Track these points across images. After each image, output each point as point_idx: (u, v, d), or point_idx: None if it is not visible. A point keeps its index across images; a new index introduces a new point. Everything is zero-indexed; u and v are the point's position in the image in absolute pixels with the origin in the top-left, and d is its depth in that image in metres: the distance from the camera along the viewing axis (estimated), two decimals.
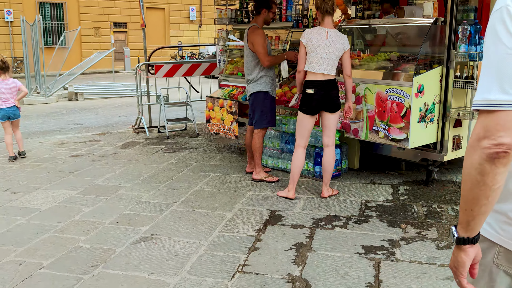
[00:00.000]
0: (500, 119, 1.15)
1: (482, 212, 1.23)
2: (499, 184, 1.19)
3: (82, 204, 4.51)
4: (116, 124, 8.98)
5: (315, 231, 3.82)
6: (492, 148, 1.15)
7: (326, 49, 4.33)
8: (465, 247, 1.29)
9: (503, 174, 1.18)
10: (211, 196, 4.68)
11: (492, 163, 1.16)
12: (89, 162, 6.04)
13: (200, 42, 30.88)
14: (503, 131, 1.14)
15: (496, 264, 1.33)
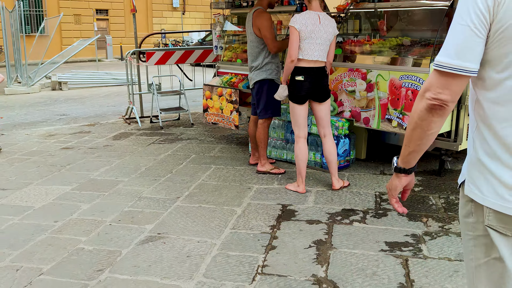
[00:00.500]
0: (443, 79, 1.34)
1: (416, 150, 1.48)
2: (433, 131, 1.41)
3: (79, 201, 4.20)
4: (105, 114, 8.62)
5: (332, 227, 3.59)
6: (432, 100, 1.35)
7: (320, 34, 4.11)
8: (400, 175, 1.57)
9: (437, 123, 1.39)
10: (216, 190, 4.42)
11: (429, 112, 1.37)
12: (81, 155, 5.70)
13: (183, 29, 30.32)
14: (442, 89, 1.34)
15: (488, 226, 1.40)
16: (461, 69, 1.32)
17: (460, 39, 1.32)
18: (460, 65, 1.31)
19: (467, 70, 1.31)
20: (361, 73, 4.61)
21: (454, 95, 1.35)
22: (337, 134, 4.76)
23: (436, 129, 1.41)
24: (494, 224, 1.39)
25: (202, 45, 19.19)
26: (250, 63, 4.75)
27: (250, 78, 4.79)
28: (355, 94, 4.70)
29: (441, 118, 1.38)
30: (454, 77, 1.33)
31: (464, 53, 1.31)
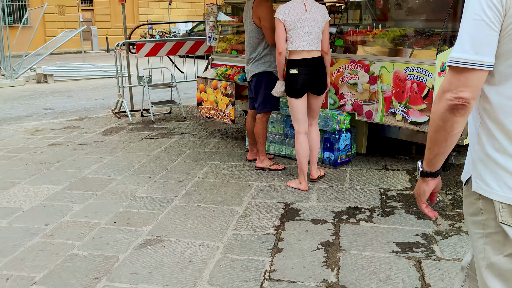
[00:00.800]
0: (462, 76, 1.30)
1: (441, 152, 1.44)
2: (457, 131, 1.38)
3: (70, 201, 3.99)
4: (94, 108, 8.35)
5: (339, 227, 3.44)
6: (453, 100, 1.32)
7: (307, 23, 3.95)
8: (427, 179, 1.52)
9: (461, 123, 1.36)
10: (214, 188, 4.24)
11: (452, 112, 1.34)
12: (70, 152, 5.47)
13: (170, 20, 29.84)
14: (463, 87, 1.30)
15: (502, 222, 1.37)
16: (480, 63, 1.30)
17: (476, 34, 1.30)
18: (478, 59, 1.30)
19: (486, 64, 1.30)
20: (364, 65, 4.45)
21: (475, 91, 1.33)
22: (339, 129, 4.60)
23: (460, 129, 1.38)
24: (508, 219, 1.37)
25: (190, 36, 18.88)
26: (249, 54, 4.56)
27: (247, 70, 4.60)
28: (357, 87, 4.54)
29: (463, 117, 1.35)
30: (473, 73, 1.31)
31: (482, 47, 1.30)
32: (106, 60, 18.11)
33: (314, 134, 4.31)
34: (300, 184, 4.21)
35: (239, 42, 5.82)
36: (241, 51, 5.74)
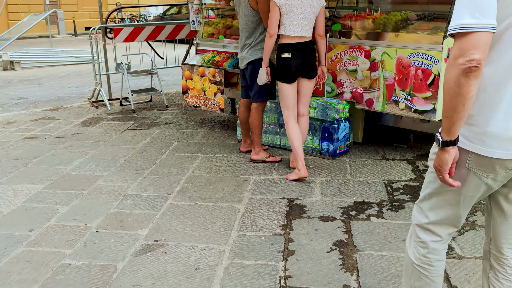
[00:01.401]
0: (472, 40, 1.38)
1: (460, 118, 1.49)
2: (472, 94, 1.44)
3: (54, 202, 3.66)
4: (68, 97, 7.88)
5: (349, 224, 3.24)
6: (466, 64, 1.38)
7: (303, 8, 3.79)
8: (448, 148, 1.56)
9: (475, 85, 1.42)
10: (210, 184, 3.97)
11: (466, 76, 1.40)
12: (48, 146, 5.08)
13: (140, 3, 28.90)
14: (473, 49, 1.37)
15: (467, 168, 1.61)
16: (487, 26, 1.38)
17: (480, 0, 1.39)
18: (485, 22, 1.38)
19: (492, 26, 1.39)
20: (364, 51, 4.23)
21: (485, 53, 1.40)
22: (338, 118, 4.39)
23: (475, 91, 1.45)
24: (473, 166, 1.60)
25: (162, 19, 18.28)
26: (244, 40, 4.26)
27: (242, 57, 4.31)
28: (357, 74, 4.33)
29: (477, 79, 1.43)
30: (482, 35, 1.38)
31: (488, 11, 1.39)
32: (76, 45, 17.41)
33: (305, 127, 4.15)
34: (299, 172, 4.01)
35: (227, 27, 5.50)
36: (229, 36, 5.44)
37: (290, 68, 3.92)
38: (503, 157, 1.54)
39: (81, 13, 27.11)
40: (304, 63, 3.93)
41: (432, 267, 1.83)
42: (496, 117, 1.52)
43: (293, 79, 3.98)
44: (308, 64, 3.96)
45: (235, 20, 5.53)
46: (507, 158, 1.55)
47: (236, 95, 5.59)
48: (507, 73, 1.49)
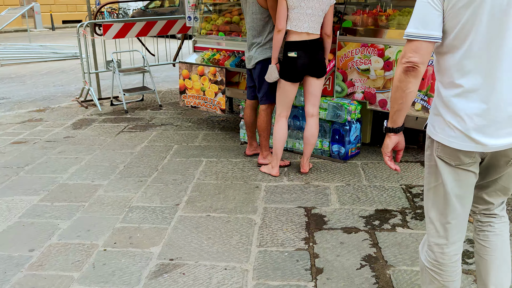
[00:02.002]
0: (412, 46, 1.68)
1: (399, 109, 1.78)
2: (410, 90, 1.73)
3: (54, 216, 3.38)
4: (55, 97, 7.51)
5: (375, 236, 3.06)
6: (405, 64, 1.69)
7: (312, 4, 3.63)
8: (390, 134, 1.84)
9: (413, 83, 1.71)
10: (219, 192, 3.74)
11: (406, 74, 1.70)
12: (39, 151, 4.77)
13: None
14: (413, 53, 1.67)
15: (437, 156, 1.79)
16: (426, 36, 1.65)
17: (424, 13, 1.65)
18: (425, 33, 1.65)
19: (431, 36, 1.65)
20: (378, 49, 4.03)
21: (424, 58, 1.67)
22: (350, 119, 4.19)
23: (413, 89, 1.72)
24: (441, 154, 1.78)
25: (145, 13, 17.82)
26: (251, 38, 4.03)
27: (250, 56, 4.07)
28: (370, 73, 4.13)
29: (415, 78, 1.70)
30: (421, 43, 1.66)
31: (428, 24, 1.64)
32: (55, 39, 16.87)
33: (314, 128, 3.99)
34: (272, 169, 4.07)
35: (226, 23, 5.25)
36: (229, 33, 5.19)
37: (296, 68, 3.77)
38: (463, 148, 1.72)
39: (58, 6, 26.39)
40: (311, 62, 3.77)
41: (442, 271, 1.90)
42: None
43: (298, 78, 3.81)
44: (315, 63, 3.79)
45: (234, 16, 5.27)
46: (466, 150, 1.72)
47: (236, 94, 5.36)
48: (462, 71, 1.69)
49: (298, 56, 3.73)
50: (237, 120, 5.79)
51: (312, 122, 3.97)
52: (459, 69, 1.68)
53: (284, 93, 3.89)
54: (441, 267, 1.90)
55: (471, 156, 1.74)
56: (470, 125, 1.68)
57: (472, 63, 1.65)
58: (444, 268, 1.89)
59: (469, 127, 1.69)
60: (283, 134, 3.99)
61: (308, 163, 4.11)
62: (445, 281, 1.90)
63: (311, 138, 4.00)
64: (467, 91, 1.67)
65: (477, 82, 1.66)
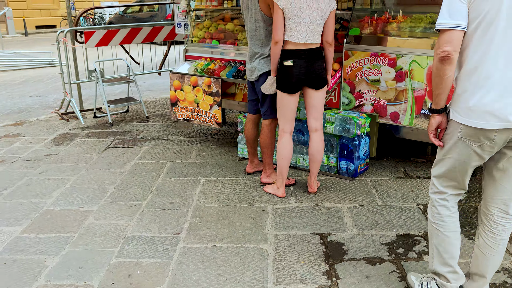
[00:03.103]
0: (444, 36, 1.95)
1: (440, 93, 2.05)
2: (447, 76, 1.99)
3: (40, 251, 2.99)
4: (32, 108, 7.04)
5: (402, 267, 2.77)
6: (440, 54, 1.96)
7: (309, 12, 3.36)
8: (434, 115, 2.13)
9: (449, 70, 1.97)
10: (223, 218, 3.41)
11: (441, 62, 1.97)
12: (18, 172, 4.35)
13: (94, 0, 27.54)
14: (445, 43, 1.94)
15: (459, 137, 2.08)
16: (455, 25, 1.93)
17: (451, 6, 1.95)
18: (454, 22, 1.93)
19: (459, 25, 1.93)
20: (389, 59, 3.77)
21: (455, 46, 1.95)
22: (360, 134, 3.91)
23: (450, 74, 1.99)
24: (463, 136, 2.06)
25: (123, 18, 17.33)
26: (254, 48, 3.71)
27: (252, 68, 3.75)
28: (380, 84, 3.87)
29: (450, 65, 1.97)
30: (452, 32, 1.94)
31: (456, 15, 1.93)
32: (28, 45, 16.23)
33: (320, 144, 3.71)
34: (277, 190, 3.77)
35: (220, 30, 4.92)
36: (224, 41, 4.87)
37: (291, 77, 3.48)
38: (483, 127, 1.98)
39: (31, 11, 25.59)
40: (308, 72, 3.48)
41: (445, 222, 2.26)
42: (477, 94, 1.98)
43: (294, 89, 3.53)
44: (312, 73, 3.50)
45: (228, 23, 4.96)
46: (486, 128, 1.98)
47: (232, 106, 5.03)
48: (480, 62, 1.95)
49: (294, 64, 3.45)
50: (231, 133, 5.46)
51: (317, 137, 3.69)
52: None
53: (283, 105, 3.61)
54: (443, 218, 2.26)
55: (489, 137, 2.00)
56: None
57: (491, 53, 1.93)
58: (446, 219, 2.26)
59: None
60: (288, 151, 3.69)
61: (316, 181, 3.82)
62: (447, 231, 2.26)
63: (317, 155, 3.71)
64: (485, 78, 1.96)
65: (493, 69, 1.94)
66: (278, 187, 3.76)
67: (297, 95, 3.60)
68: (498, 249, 2.23)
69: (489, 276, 2.32)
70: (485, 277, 2.31)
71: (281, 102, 3.61)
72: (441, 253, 2.29)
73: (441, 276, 2.32)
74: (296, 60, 3.45)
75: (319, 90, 3.59)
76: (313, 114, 3.65)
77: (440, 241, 2.28)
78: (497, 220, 2.21)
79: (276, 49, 3.47)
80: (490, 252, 2.25)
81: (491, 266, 2.28)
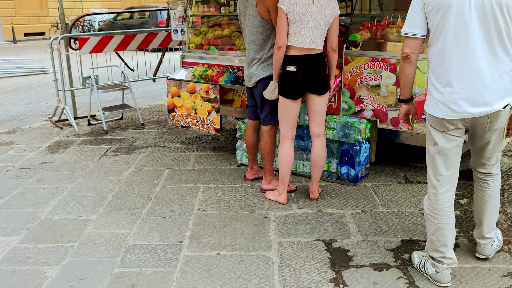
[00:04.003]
0: (406, 41, 2.43)
1: (403, 86, 2.55)
2: (408, 72, 2.48)
3: (39, 262, 2.92)
4: (24, 116, 6.94)
5: (409, 272, 2.75)
6: (402, 54, 2.45)
7: (314, 17, 3.35)
8: (401, 104, 2.64)
9: (409, 68, 2.46)
10: (225, 225, 3.37)
11: (403, 61, 2.47)
12: (14, 181, 4.27)
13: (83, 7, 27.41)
14: (406, 47, 2.43)
15: (430, 125, 2.51)
16: (412, 34, 2.39)
17: (411, 17, 2.40)
18: (412, 31, 2.39)
19: (416, 34, 2.39)
20: (389, 64, 3.77)
21: (414, 50, 2.41)
22: (360, 139, 3.90)
23: (409, 71, 2.48)
24: (433, 124, 2.48)
25: (113, 25, 17.25)
26: (252, 54, 3.69)
27: (250, 74, 3.73)
28: (380, 90, 3.86)
29: (410, 64, 2.46)
30: (411, 39, 2.41)
31: (414, 25, 2.39)
32: (17, 52, 16.09)
33: (322, 150, 3.69)
34: (279, 196, 3.73)
35: (217, 36, 4.90)
36: (222, 47, 4.84)
37: (294, 83, 3.46)
38: (443, 117, 2.38)
39: (20, 18, 25.37)
40: (311, 77, 3.47)
41: (437, 215, 2.54)
42: (439, 89, 2.38)
43: (297, 95, 3.51)
44: (315, 78, 3.49)
45: (225, 28, 4.94)
46: (446, 118, 2.38)
47: (230, 112, 5.00)
48: (440, 59, 2.36)
49: (297, 70, 3.43)
50: (229, 139, 5.43)
51: (319, 143, 3.67)
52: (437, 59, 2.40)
53: (285, 111, 3.59)
54: (435, 211, 2.54)
55: (453, 123, 2.41)
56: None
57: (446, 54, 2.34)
58: (438, 212, 2.54)
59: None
60: (289, 157, 3.66)
61: (318, 187, 3.80)
62: (439, 223, 2.54)
63: (319, 161, 3.69)
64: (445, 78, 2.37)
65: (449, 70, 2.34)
66: (280, 194, 3.73)
67: (299, 101, 3.59)
68: (488, 199, 2.68)
69: (486, 222, 2.74)
70: (482, 223, 2.75)
71: (283, 108, 3.59)
72: (434, 241, 2.57)
73: (434, 258, 2.61)
74: (299, 66, 3.43)
75: (321, 96, 3.57)
76: (316, 120, 3.63)
77: (433, 231, 2.56)
78: (482, 178, 2.69)
79: (279, 54, 3.45)
80: (482, 202, 2.71)
81: (485, 213, 2.72)
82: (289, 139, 3.66)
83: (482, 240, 2.80)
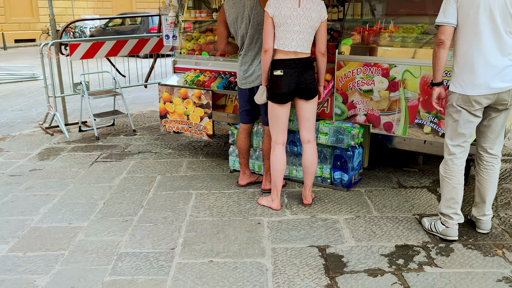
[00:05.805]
0: (440, 28, 2.84)
1: (437, 70, 2.92)
2: (442, 56, 2.86)
3: (29, 271, 2.87)
4: (14, 123, 6.86)
5: (404, 278, 2.73)
6: (437, 40, 2.85)
7: (299, 20, 3.35)
8: (434, 87, 3.00)
9: (442, 52, 2.85)
10: (218, 232, 3.33)
11: (437, 46, 2.86)
12: (3, 188, 4.20)
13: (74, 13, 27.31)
14: (440, 34, 2.84)
15: (457, 104, 2.93)
16: (446, 22, 2.82)
17: (445, 8, 2.84)
18: (445, 20, 2.83)
19: (449, 23, 2.82)
20: (382, 69, 3.77)
21: (447, 37, 2.83)
22: (354, 144, 3.89)
23: (443, 55, 2.87)
24: (461, 103, 2.92)
25: (105, 31, 17.19)
26: (254, 56, 3.68)
27: (251, 74, 3.72)
28: (373, 95, 3.86)
29: (443, 49, 2.85)
30: (444, 27, 2.83)
31: (447, 14, 2.83)
32: (8, 59, 15.97)
33: (313, 155, 3.67)
34: (272, 202, 3.72)
35: (209, 42, 4.88)
36: (214, 52, 4.82)
37: (281, 87, 3.44)
38: (472, 94, 2.84)
39: (10, 24, 25.23)
40: (298, 82, 3.45)
41: (453, 176, 3.04)
42: (467, 72, 2.84)
43: (284, 99, 3.49)
44: (303, 83, 3.47)
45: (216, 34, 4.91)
46: (475, 94, 2.84)
47: (222, 118, 4.97)
48: (471, 49, 2.80)
49: (284, 74, 3.42)
50: (221, 145, 5.40)
51: (310, 149, 3.65)
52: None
53: (274, 116, 3.58)
54: (452, 173, 3.04)
55: (478, 101, 2.87)
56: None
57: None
58: (454, 174, 3.04)
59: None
60: (281, 163, 3.64)
61: (311, 193, 3.78)
62: (454, 183, 3.04)
63: (311, 166, 3.67)
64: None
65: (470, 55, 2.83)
66: (273, 200, 3.70)
67: (288, 106, 3.57)
68: (491, 180, 3.11)
69: (488, 200, 3.14)
70: (485, 201, 3.15)
71: (272, 113, 3.58)
72: (448, 199, 3.07)
73: (445, 215, 3.10)
74: (286, 70, 3.42)
75: (310, 101, 3.56)
76: (305, 125, 3.62)
77: (448, 190, 3.05)
78: (488, 160, 3.10)
79: (266, 58, 3.44)
80: (486, 183, 3.12)
81: (488, 193, 3.13)
82: (280, 144, 3.63)
83: (483, 217, 3.20)
